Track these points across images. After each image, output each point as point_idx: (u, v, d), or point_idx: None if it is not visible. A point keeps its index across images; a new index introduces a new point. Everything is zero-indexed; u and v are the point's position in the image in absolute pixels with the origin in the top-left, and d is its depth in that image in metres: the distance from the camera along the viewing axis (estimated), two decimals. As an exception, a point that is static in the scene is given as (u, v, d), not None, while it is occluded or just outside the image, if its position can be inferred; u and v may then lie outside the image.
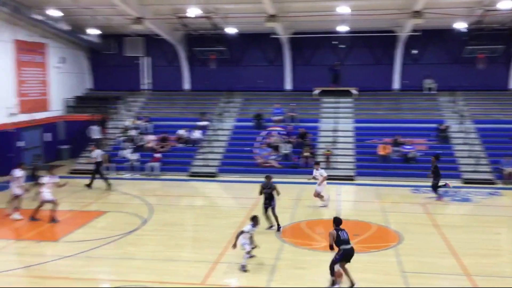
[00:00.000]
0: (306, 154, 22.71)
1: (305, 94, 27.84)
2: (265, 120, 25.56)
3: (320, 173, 17.37)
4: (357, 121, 25.57)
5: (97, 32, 26.19)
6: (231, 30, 25.44)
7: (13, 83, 23.17)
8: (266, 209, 14.66)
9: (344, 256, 10.35)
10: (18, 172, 16.12)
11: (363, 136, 24.40)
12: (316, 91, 27.51)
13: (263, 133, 24.84)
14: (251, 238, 11.77)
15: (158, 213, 16.66)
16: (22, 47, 23.67)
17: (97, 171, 20.22)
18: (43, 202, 15.33)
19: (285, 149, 23.27)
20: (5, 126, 22.40)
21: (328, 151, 22.95)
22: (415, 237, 14.04)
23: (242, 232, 11.69)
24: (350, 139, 24.54)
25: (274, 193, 14.78)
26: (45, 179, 15.52)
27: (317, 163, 18.16)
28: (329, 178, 21.74)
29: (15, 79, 23.24)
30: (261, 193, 14.86)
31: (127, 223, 15.35)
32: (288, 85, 28.91)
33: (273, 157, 23.15)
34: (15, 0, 20.15)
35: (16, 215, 15.91)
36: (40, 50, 25.27)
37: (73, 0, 21.84)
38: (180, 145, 24.63)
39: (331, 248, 10.50)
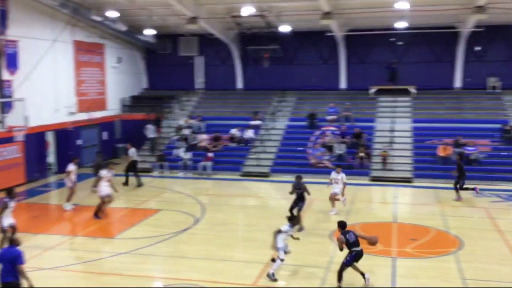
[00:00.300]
0: (361, 154, 22.12)
1: (360, 93, 27.16)
2: (318, 120, 25.13)
3: (341, 177, 16.60)
4: (415, 121, 24.66)
5: (152, 32, 26.60)
6: (284, 28, 25.16)
7: (73, 83, 23.89)
8: (292, 208, 14.46)
9: (355, 258, 10.43)
10: (71, 167, 16.99)
11: (422, 137, 23.49)
12: (372, 89, 26.78)
13: (317, 132, 24.42)
14: (286, 241, 11.27)
15: (210, 212, 16.65)
16: (81, 48, 24.38)
17: (132, 169, 20.64)
18: (102, 197, 15.58)
19: (339, 149, 22.76)
20: (65, 125, 23.10)
21: (384, 152, 22.24)
22: (476, 243, 13.34)
23: (279, 232, 11.16)
24: (408, 140, 23.69)
25: (305, 194, 14.62)
26: (104, 173, 15.83)
27: (339, 166, 17.40)
28: (386, 179, 21.28)
29: (74, 79, 23.96)
30: (292, 192, 14.71)
31: (180, 221, 15.41)
32: (343, 83, 28.32)
33: (326, 157, 22.69)
34: (75, 2, 20.74)
35: (67, 206, 16.66)
36: (98, 51, 25.95)
37: (130, 1, 22.25)
38: (233, 145, 24.60)
39: (341, 250, 10.58)
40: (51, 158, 23.32)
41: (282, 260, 10.97)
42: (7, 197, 12.65)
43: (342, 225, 10.91)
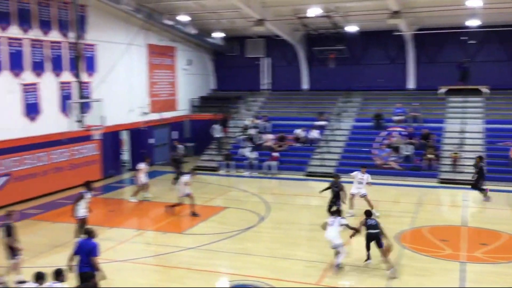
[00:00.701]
0: (429, 156, 21.59)
1: (429, 93, 26.44)
2: (385, 120, 24.76)
3: (366, 177, 16.31)
4: (487, 122, 23.71)
5: (221, 35, 27.30)
6: (351, 28, 24.99)
7: (146, 84, 24.99)
8: (330, 207, 14.48)
9: (367, 238, 11.61)
10: (142, 165, 18.33)
11: (494, 138, 22.55)
12: (442, 89, 26.01)
13: (383, 133, 24.07)
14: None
15: (274, 211, 16.92)
16: (154, 51, 25.46)
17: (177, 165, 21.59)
18: (182, 197, 16.15)
19: (406, 150, 22.33)
20: (138, 124, 24.23)
21: (455, 153, 21.57)
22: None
23: (326, 224, 11.78)
24: (479, 141, 22.83)
25: (342, 193, 14.82)
26: (185, 178, 16.33)
27: (364, 166, 17.04)
28: (456, 182, 20.64)
29: (147, 81, 25.06)
30: (326, 189, 15.14)
31: (245, 219, 15.79)
32: (411, 83, 27.68)
33: (393, 158, 22.34)
34: (148, 7, 21.71)
35: (132, 199, 17.94)
36: (169, 53, 26.97)
37: (200, 5, 22.97)
38: (298, 145, 24.77)
39: (357, 230, 11.84)
40: (126, 155, 24.58)
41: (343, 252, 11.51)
42: (84, 190, 13.56)
43: (367, 213, 11.99)
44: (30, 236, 13.86)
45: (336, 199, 14.84)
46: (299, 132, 24.94)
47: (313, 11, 21.52)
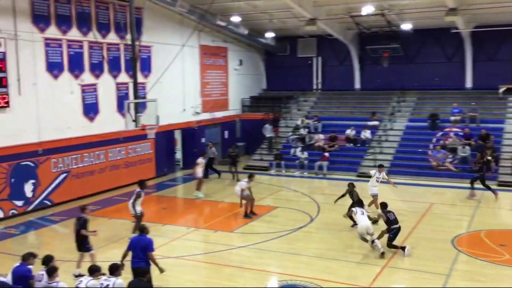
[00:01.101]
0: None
1: (488, 92, 25.45)
2: (441, 121, 24.05)
3: (382, 176, 16.11)
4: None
5: (272, 34, 27.36)
6: (406, 26, 24.42)
7: (198, 84, 25.42)
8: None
9: (396, 234, 12.59)
10: (200, 159, 19.29)
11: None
12: (502, 88, 24.96)
13: (439, 134, 23.41)
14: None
15: (325, 211, 16.81)
16: (206, 52, 25.85)
17: (210, 166, 22.13)
18: (242, 198, 16.22)
19: (463, 151, 21.60)
20: (190, 124, 24.68)
21: None
22: None
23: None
24: (542, 143, 21.80)
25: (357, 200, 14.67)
26: (243, 184, 16.37)
27: (381, 166, 16.80)
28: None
29: (200, 81, 25.48)
30: (341, 197, 15.21)
31: (295, 219, 15.77)
32: (469, 82, 26.74)
33: (449, 160, 21.67)
34: (202, 8, 22.07)
35: (199, 194, 18.71)
36: (221, 54, 27.30)
37: (252, 6, 23.12)
38: (349, 145, 24.47)
39: (376, 223, 13.21)
40: (178, 154, 25.09)
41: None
42: (139, 188, 13.98)
43: (383, 205, 13.02)
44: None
45: (357, 205, 14.31)
46: (348, 132, 24.65)
47: (367, 9, 21.20)
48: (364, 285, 10.71)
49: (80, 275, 10.39)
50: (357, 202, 14.59)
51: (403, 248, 12.40)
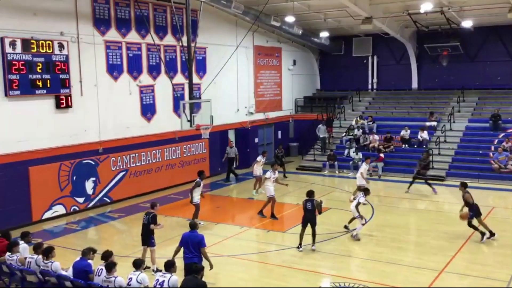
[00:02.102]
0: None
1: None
2: (503, 121, 23.03)
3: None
4: None
5: (326, 34, 27.13)
6: (466, 24, 23.55)
7: (252, 85, 25.58)
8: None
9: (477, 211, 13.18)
10: (259, 158, 19.64)
11: None
12: None
13: (501, 135, 22.43)
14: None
15: (380, 213, 16.49)
16: (260, 52, 25.97)
17: (229, 165, 22.05)
18: (269, 198, 16.32)
19: (528, 154, 20.61)
20: (244, 124, 24.87)
21: None
22: None
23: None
24: None
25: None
26: (268, 174, 16.49)
27: (368, 157, 17.95)
28: None
29: (253, 82, 25.63)
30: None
31: (348, 221, 15.53)
32: (535, 81, 25.50)
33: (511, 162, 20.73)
34: (256, 9, 22.19)
35: (254, 192, 19.25)
36: (275, 54, 27.34)
37: (306, 5, 23.01)
38: (404, 146, 23.88)
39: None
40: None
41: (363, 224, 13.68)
42: (198, 178, 15.09)
43: (463, 184, 13.90)
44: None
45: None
46: (403, 132, 24.06)
47: (425, 7, 20.61)
48: (420, 290, 10.42)
49: (158, 270, 10.69)
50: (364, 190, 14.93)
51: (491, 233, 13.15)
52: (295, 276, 11.38)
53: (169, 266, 8.55)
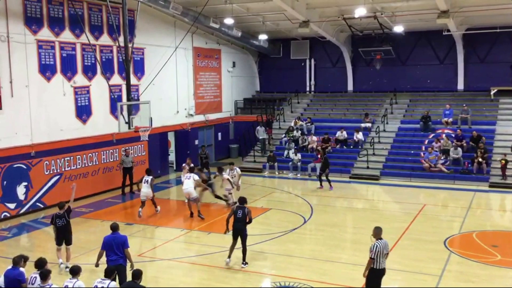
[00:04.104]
0: (479, 159, 20.93)
1: (479, 94, 25.69)
2: (433, 122, 24.20)
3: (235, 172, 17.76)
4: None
5: (265, 37, 27.43)
6: (398, 29, 24.56)
7: (192, 86, 25.40)
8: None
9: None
10: (185, 165, 18.50)
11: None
12: (493, 91, 25.14)
13: (431, 136, 23.54)
14: None
15: (318, 213, 16.85)
16: (200, 53, 25.85)
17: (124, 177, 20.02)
18: (194, 198, 16.50)
19: (455, 153, 21.74)
20: (184, 126, 24.66)
21: (503, 159, 20.53)
22: None
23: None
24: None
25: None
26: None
27: (231, 163, 18.43)
28: (508, 186, 19.92)
29: (193, 83, 25.46)
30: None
31: (289, 221, 15.79)
32: (460, 84, 26.91)
33: (441, 161, 21.79)
34: (194, 10, 22.07)
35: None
36: (214, 56, 27.31)
37: (245, 8, 23.16)
38: (338, 146, 24.53)
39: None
40: (172, 156, 25.04)
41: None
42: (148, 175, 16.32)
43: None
44: (81, 233, 14.37)
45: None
46: (339, 134, 24.73)
47: (359, 12, 21.30)
48: (358, 286, 10.73)
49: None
50: None
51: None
52: (237, 277, 11.42)
53: (110, 274, 8.43)
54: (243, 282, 11.18)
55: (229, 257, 12.06)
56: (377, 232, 9.45)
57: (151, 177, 16.44)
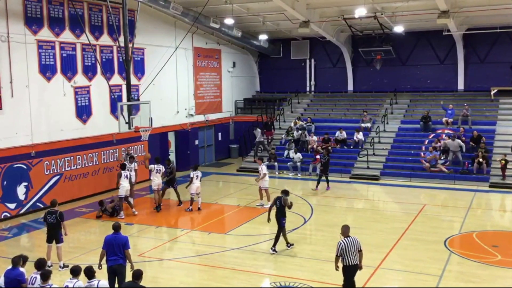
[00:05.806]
0: (479, 159, 20.91)
1: (479, 94, 25.70)
2: (433, 122, 24.19)
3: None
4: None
5: (265, 37, 27.43)
6: (398, 29, 24.57)
7: (192, 87, 25.40)
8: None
9: None
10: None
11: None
12: (493, 91, 25.14)
13: (431, 136, 23.54)
14: None
15: (318, 213, 16.85)
16: (200, 54, 25.85)
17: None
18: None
19: (454, 147, 21.68)
20: (184, 126, 24.66)
21: (503, 160, 20.51)
22: None
23: None
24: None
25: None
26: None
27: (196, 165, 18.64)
28: (508, 186, 19.91)
29: (193, 83, 25.47)
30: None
31: (288, 221, 15.61)
32: (461, 84, 26.91)
33: (441, 161, 21.78)
34: (195, 11, 22.07)
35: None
36: (215, 56, 27.31)
37: (246, 8, 23.16)
38: (338, 146, 24.52)
39: None
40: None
41: None
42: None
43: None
44: (81, 233, 14.38)
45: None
46: (338, 134, 24.73)
47: (359, 12, 21.30)
48: (358, 286, 10.71)
49: (65, 266, 11.30)
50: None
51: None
52: (237, 277, 11.41)
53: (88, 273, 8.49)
54: (243, 282, 11.17)
55: (274, 245, 12.82)
56: (345, 231, 9.89)
57: (128, 172, 16.78)
